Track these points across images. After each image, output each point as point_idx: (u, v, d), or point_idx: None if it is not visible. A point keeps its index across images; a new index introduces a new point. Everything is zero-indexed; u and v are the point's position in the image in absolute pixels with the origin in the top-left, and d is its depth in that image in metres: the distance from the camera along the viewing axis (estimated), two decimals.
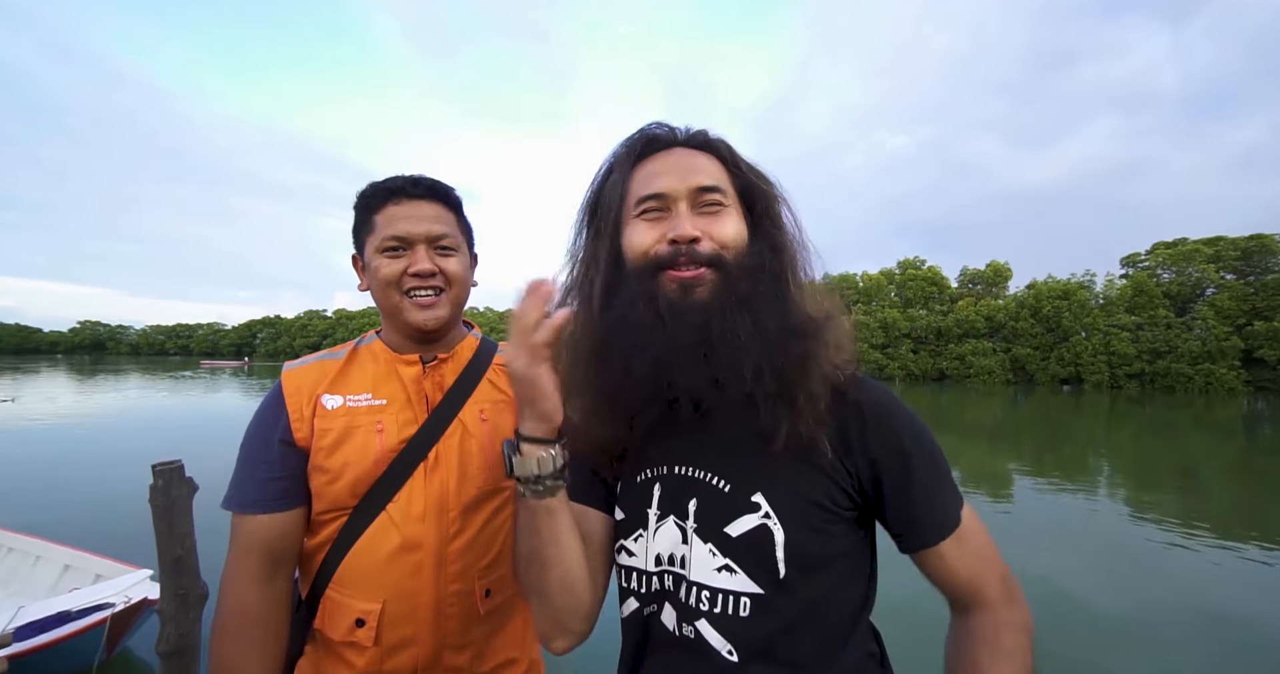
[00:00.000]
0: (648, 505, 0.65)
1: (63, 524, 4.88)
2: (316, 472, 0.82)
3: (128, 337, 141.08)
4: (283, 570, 0.84)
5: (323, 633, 0.84)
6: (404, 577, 0.82)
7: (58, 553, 4.04)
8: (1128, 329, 47.91)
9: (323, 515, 0.84)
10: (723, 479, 0.61)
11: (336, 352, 0.92)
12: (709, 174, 0.61)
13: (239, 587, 0.80)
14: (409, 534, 0.82)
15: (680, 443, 0.65)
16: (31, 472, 8.19)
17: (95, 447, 10.44)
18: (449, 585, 0.84)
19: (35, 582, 3.95)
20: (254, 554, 0.80)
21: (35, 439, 11.27)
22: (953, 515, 0.62)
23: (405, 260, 0.83)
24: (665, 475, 0.65)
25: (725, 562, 0.59)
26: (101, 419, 14.47)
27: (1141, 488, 8.70)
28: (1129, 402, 32.21)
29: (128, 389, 24.91)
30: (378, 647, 0.81)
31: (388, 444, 0.84)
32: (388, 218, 0.84)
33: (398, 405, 0.87)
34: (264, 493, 0.81)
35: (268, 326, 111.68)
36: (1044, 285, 53.82)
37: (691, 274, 0.58)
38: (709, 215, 0.60)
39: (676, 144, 0.64)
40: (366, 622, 0.81)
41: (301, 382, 0.86)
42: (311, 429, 0.83)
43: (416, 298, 0.85)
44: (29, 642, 2.74)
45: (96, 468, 8.41)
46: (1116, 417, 22.66)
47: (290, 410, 0.83)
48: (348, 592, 0.82)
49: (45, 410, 15.99)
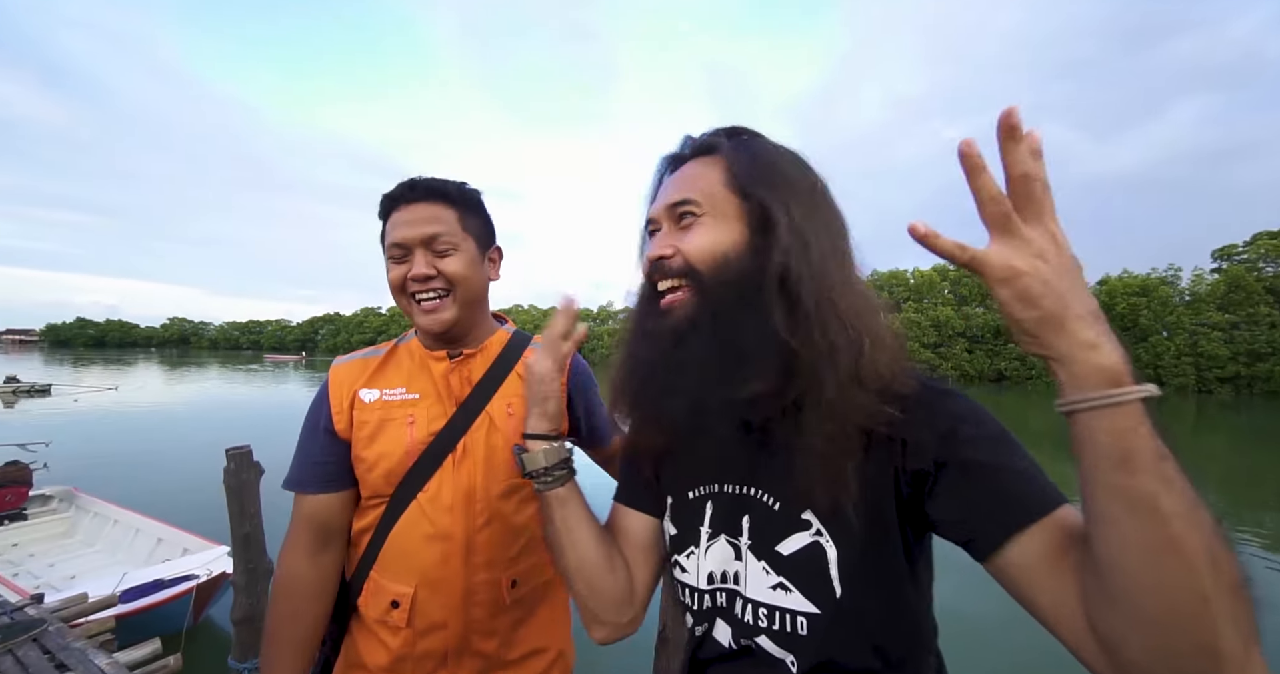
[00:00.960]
0: (699, 523, 0.65)
1: (154, 501, 5.43)
2: (357, 461, 0.89)
3: (208, 332, 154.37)
4: (332, 545, 0.91)
5: (363, 611, 0.90)
6: (434, 564, 0.86)
7: (153, 527, 4.53)
8: (1220, 328, 43.19)
9: (368, 501, 0.90)
10: (773, 497, 0.59)
11: (379, 349, 0.97)
12: (690, 185, 0.60)
13: (291, 556, 0.89)
14: (438, 523, 0.86)
15: (730, 459, 0.63)
16: (130, 453, 9.16)
17: (181, 431, 11.53)
18: (476, 574, 0.88)
19: (135, 551, 4.45)
20: (305, 529, 0.89)
21: (132, 424, 12.57)
22: (1039, 502, 0.48)
23: (406, 266, 0.87)
24: (716, 493, 0.64)
25: (779, 580, 0.58)
26: (186, 407, 15.95)
27: (1238, 504, 7.85)
28: (1221, 407, 29.10)
29: (207, 381, 27.32)
30: (410, 628, 0.86)
31: (418, 436, 0.88)
32: (391, 225, 0.89)
33: (429, 400, 0.91)
34: (313, 476, 0.90)
35: (328, 323, 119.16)
36: (1118, 281, 49.36)
37: (673, 297, 0.59)
38: (683, 229, 0.59)
39: (690, 157, 0.64)
40: (401, 604, 0.86)
41: (344, 377, 0.92)
42: (350, 421, 0.89)
43: (421, 302, 0.88)
44: (132, 604, 3.08)
45: (182, 450, 9.29)
46: (1205, 424, 20.51)
47: (332, 403, 0.90)
48: (386, 574, 0.88)
49: (141, 398, 17.80)
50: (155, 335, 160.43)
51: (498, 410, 0.92)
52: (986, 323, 52.31)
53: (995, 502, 0.49)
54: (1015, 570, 0.47)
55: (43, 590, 3.37)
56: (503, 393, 0.94)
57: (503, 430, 0.92)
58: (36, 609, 2.54)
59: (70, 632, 2.34)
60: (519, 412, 0.94)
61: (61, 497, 5.24)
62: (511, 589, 0.91)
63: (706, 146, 0.62)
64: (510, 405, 0.94)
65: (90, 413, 14.14)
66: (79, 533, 4.93)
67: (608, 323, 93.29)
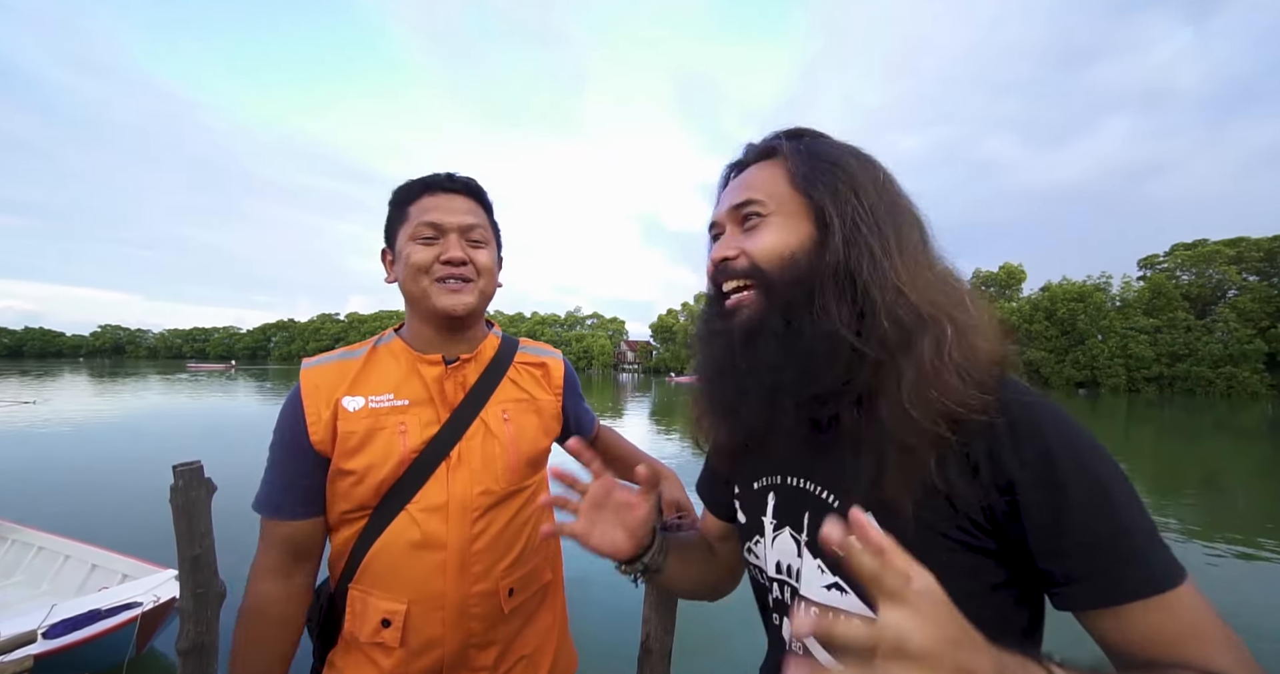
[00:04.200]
0: (762, 513, 0.65)
1: (87, 524, 4.99)
2: (341, 474, 0.83)
3: (146, 340, 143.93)
4: (304, 566, 0.86)
5: (352, 634, 0.84)
6: (427, 577, 0.82)
7: (85, 552, 4.12)
8: (1145, 332, 46.93)
9: (347, 514, 0.85)
10: (832, 494, 0.57)
11: (355, 350, 0.91)
12: (753, 187, 0.60)
13: (264, 579, 0.84)
14: (431, 533, 0.83)
15: (794, 452, 0.62)
16: (54, 472, 8.39)
17: (114, 447, 10.66)
18: (473, 586, 0.84)
19: (65, 581, 4.04)
20: (277, 550, 0.84)
21: (57, 440, 11.54)
22: (1159, 576, 0.45)
23: (438, 248, 0.85)
24: (779, 485, 0.64)
25: (835, 580, 0.55)
26: (119, 420, 14.78)
27: (1161, 493, 8.50)
28: (1147, 405, 31.51)
29: (147, 392, 25.42)
30: (404, 648, 0.81)
31: (411, 445, 0.84)
32: (422, 208, 0.86)
33: (420, 406, 0.87)
34: (292, 499, 0.84)
35: (282, 330, 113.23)
36: (1059, 287, 52.93)
37: (739, 298, 0.59)
38: (747, 231, 0.59)
39: (751, 161, 0.64)
40: (392, 622, 0.81)
41: (320, 381, 0.85)
42: (332, 432, 0.83)
43: (446, 284, 0.85)
44: (62, 639, 2.79)
45: (116, 469, 8.58)
46: (1134, 420, 22.17)
47: (308, 413, 0.83)
48: (374, 591, 0.83)
49: (67, 412, 16.37)
50: (84, 344, 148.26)
51: (493, 416, 0.91)
52: None
53: (1093, 557, 0.45)
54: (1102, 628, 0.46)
55: None
56: (497, 398, 0.92)
57: (499, 437, 0.90)
58: None
59: None
60: (515, 418, 0.93)
61: None
62: (509, 598, 0.88)
63: (768, 150, 0.62)
64: (505, 411, 0.92)
65: (3, 430, 12.89)
66: None
67: (575, 328, 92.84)
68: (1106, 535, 0.45)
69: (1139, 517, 0.46)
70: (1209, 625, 0.45)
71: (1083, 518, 0.45)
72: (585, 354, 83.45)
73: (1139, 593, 0.45)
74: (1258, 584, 4.87)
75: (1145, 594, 0.45)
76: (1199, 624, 0.45)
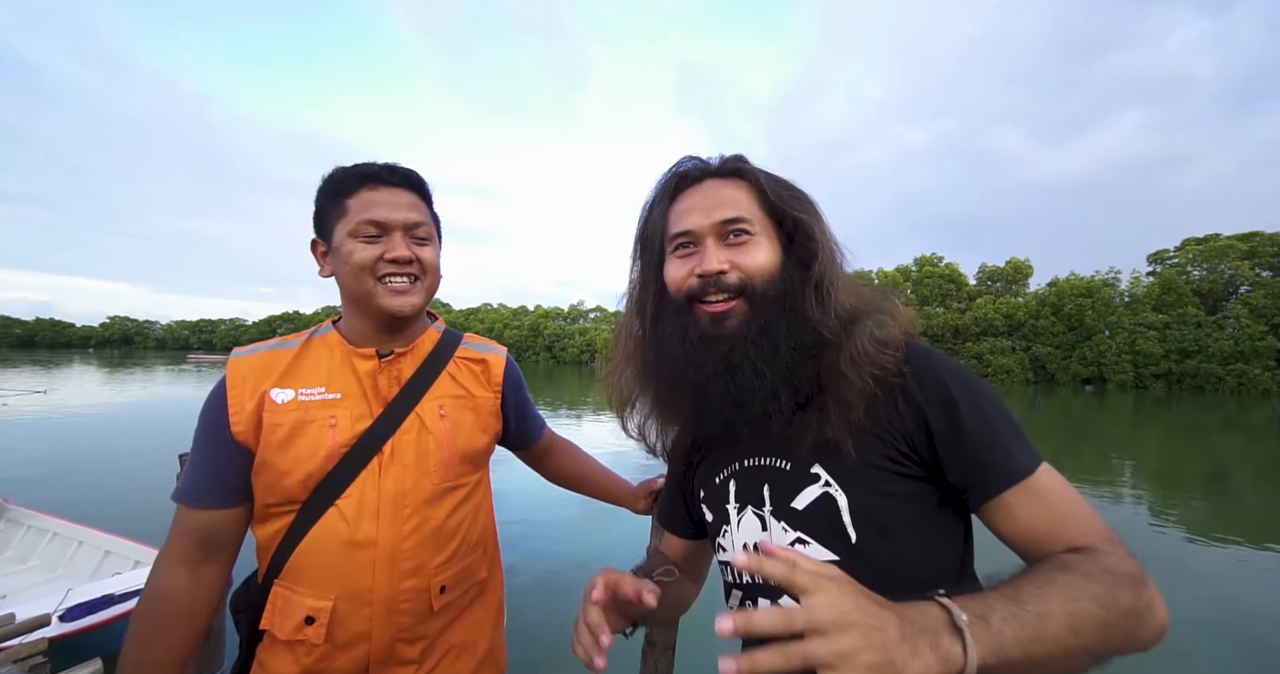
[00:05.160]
0: (726, 502, 0.69)
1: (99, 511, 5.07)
2: (265, 467, 0.80)
3: (154, 331, 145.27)
4: (216, 557, 0.83)
5: (271, 630, 0.81)
6: (356, 573, 0.80)
7: (98, 539, 4.19)
8: (1154, 328, 46.48)
9: (273, 508, 0.82)
10: (785, 460, 0.65)
11: (290, 341, 0.88)
12: (735, 205, 0.66)
13: (167, 568, 0.80)
14: (361, 530, 0.80)
15: (748, 438, 0.68)
16: (65, 460, 8.51)
17: (125, 435, 10.80)
18: (402, 582, 0.82)
19: (79, 566, 4.11)
20: (189, 541, 0.81)
21: (68, 429, 11.70)
22: (1020, 465, 0.57)
23: (381, 246, 0.82)
24: (738, 471, 0.69)
25: (797, 535, 0.61)
26: (130, 410, 14.96)
27: (1168, 490, 8.47)
28: (1155, 402, 31.30)
29: (141, 383, 25.67)
30: (329, 644, 0.80)
31: (340, 439, 0.82)
32: (363, 202, 0.82)
33: (352, 399, 0.84)
34: (211, 489, 0.81)
35: (287, 322, 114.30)
36: (1066, 283, 52.44)
37: (722, 308, 0.65)
38: (736, 246, 0.65)
39: (708, 176, 0.69)
40: (317, 619, 0.79)
41: (247, 373, 0.82)
42: (257, 423, 0.80)
43: (391, 284, 0.83)
44: (77, 623, 2.85)
45: (124, 457, 8.70)
46: (1142, 417, 22.04)
47: (231, 404, 0.80)
48: (298, 588, 0.80)
49: (76, 402, 16.57)
50: (94, 335, 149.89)
51: (429, 411, 0.88)
52: (946, 323, 54.61)
53: (984, 458, 0.57)
54: (994, 521, 0.58)
55: None
56: (434, 393, 0.90)
57: (434, 432, 0.88)
58: None
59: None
60: (452, 414, 0.91)
61: None
62: (440, 595, 0.87)
63: (733, 171, 0.69)
64: (442, 406, 0.90)
65: (15, 418, 13.08)
66: (10, 549, 4.53)
67: (578, 322, 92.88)
68: (986, 437, 0.57)
69: (1006, 421, 0.59)
70: (1070, 505, 0.56)
71: (970, 424, 0.58)
72: (589, 347, 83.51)
73: (1012, 478, 0.56)
74: (1268, 585, 4.84)
75: (1015, 480, 0.56)
76: (1062, 505, 0.56)
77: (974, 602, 0.45)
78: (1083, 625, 0.45)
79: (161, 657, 0.78)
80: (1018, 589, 0.47)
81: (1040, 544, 0.55)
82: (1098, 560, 0.50)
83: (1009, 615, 0.44)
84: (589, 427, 13.24)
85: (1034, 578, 0.48)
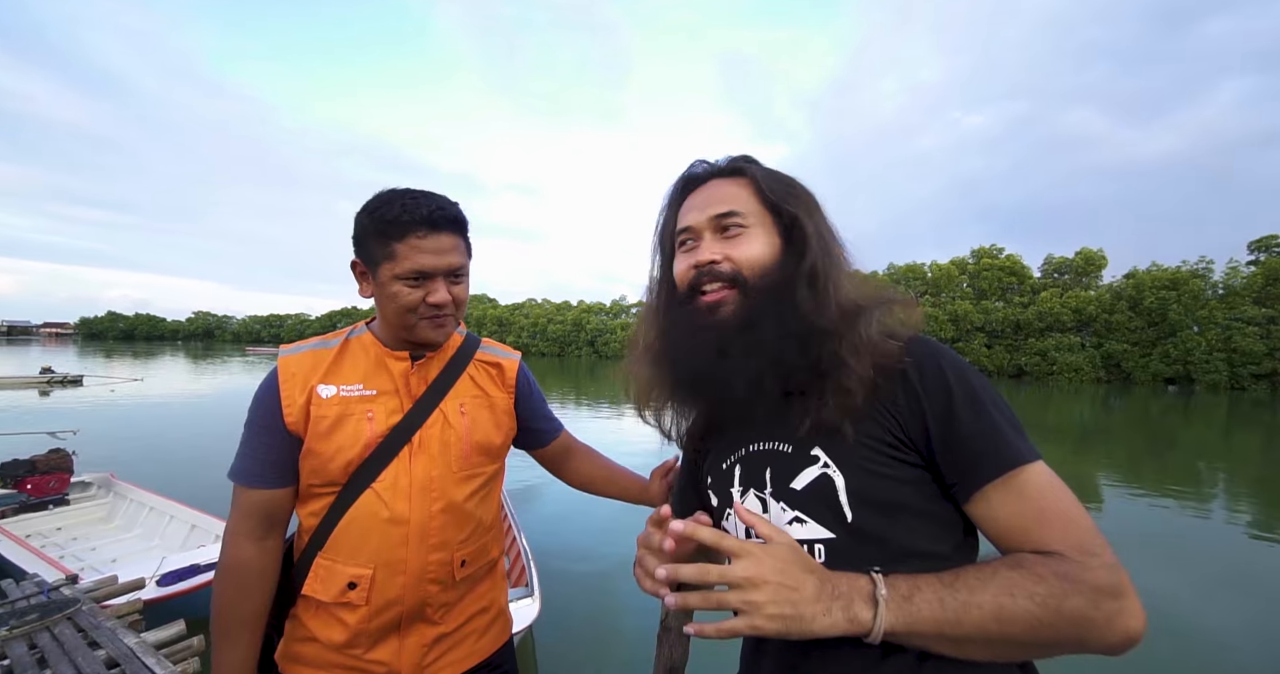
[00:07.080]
0: (731, 486, 0.71)
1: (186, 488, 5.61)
2: (311, 453, 0.91)
3: (230, 326, 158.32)
4: (276, 530, 0.95)
5: (313, 597, 0.93)
6: (391, 547, 0.92)
7: (186, 514, 4.67)
8: (1256, 323, 41.64)
9: (316, 488, 0.94)
10: (786, 443, 0.67)
11: (330, 340, 0.99)
12: (730, 200, 0.70)
13: (238, 542, 0.92)
14: (395, 509, 0.92)
15: (753, 423, 0.71)
16: (157, 440, 9.46)
17: (208, 420, 11.88)
18: (430, 555, 0.95)
19: (170, 537, 4.59)
20: (251, 517, 0.93)
21: (158, 413, 12.99)
22: (1007, 459, 0.55)
23: (424, 290, 0.90)
24: (744, 455, 0.71)
25: (795, 514, 0.63)
26: (212, 397, 16.42)
27: (1271, 503, 7.60)
28: (1255, 405, 28.10)
29: (230, 373, 28.04)
30: (369, 606, 0.92)
31: (376, 430, 0.93)
32: (411, 248, 0.87)
33: (386, 396, 0.96)
34: (262, 470, 0.92)
35: (346, 317, 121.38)
36: (1147, 274, 47.80)
37: (716, 297, 0.68)
38: (730, 239, 0.69)
39: (712, 176, 0.74)
40: (359, 584, 0.91)
41: (296, 369, 0.93)
42: (306, 415, 0.91)
43: (431, 321, 0.93)
44: (169, 588, 3.20)
45: (210, 439, 9.57)
46: (1237, 421, 19.85)
47: (284, 397, 0.91)
48: (340, 558, 0.92)
49: (167, 388, 18.36)
50: (181, 328, 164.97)
51: (451, 409, 1.01)
52: (1006, 317, 51.16)
53: (973, 448, 0.57)
54: (977, 516, 0.58)
55: (86, 572, 3.51)
56: (456, 392, 1.02)
57: (456, 427, 1.00)
58: (71, 589, 2.65)
59: (101, 612, 2.44)
60: (471, 412, 1.03)
61: (100, 483, 5.42)
62: (461, 567, 0.99)
63: (734, 170, 0.73)
64: (463, 404, 1.02)
65: (119, 402, 14.65)
66: (117, 518, 5.10)
67: (620, 317, 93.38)
68: (978, 429, 0.57)
69: (1002, 414, 0.59)
70: (1054, 508, 0.54)
71: (963, 415, 0.58)
72: None
73: (999, 469, 0.55)
74: None
75: (1000, 472, 0.55)
76: (1044, 507, 0.54)
77: (906, 581, 0.51)
78: (1012, 619, 0.48)
79: (247, 616, 0.92)
80: (958, 577, 0.51)
81: (1014, 544, 0.55)
82: (1055, 565, 0.51)
83: (934, 598, 0.50)
84: (628, 423, 13.32)
85: (981, 570, 0.52)
